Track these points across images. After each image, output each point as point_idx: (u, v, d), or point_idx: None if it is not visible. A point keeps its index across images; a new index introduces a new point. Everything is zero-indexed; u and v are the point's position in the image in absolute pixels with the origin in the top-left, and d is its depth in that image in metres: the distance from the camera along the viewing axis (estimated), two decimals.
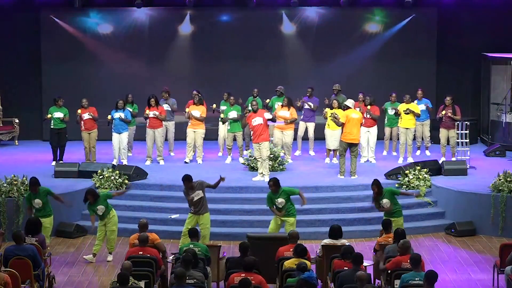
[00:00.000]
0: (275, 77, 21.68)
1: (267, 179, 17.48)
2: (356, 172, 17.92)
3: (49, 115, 19.31)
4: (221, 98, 20.14)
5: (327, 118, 19.07)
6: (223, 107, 19.94)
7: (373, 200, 14.61)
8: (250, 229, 15.18)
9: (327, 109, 19.22)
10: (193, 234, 13.08)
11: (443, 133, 19.39)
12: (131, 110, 19.68)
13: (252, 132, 17.86)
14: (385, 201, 14.47)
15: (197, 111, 19.38)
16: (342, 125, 18.14)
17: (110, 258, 14.92)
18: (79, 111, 19.32)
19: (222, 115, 19.70)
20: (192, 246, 12.72)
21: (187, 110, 19.50)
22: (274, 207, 14.50)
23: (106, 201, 14.71)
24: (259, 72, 22.68)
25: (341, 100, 19.54)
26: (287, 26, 22.94)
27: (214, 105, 20.11)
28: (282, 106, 19.34)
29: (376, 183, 14.54)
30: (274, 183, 14.51)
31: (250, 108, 17.98)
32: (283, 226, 14.60)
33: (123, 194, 16.17)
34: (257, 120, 17.55)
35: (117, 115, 19.02)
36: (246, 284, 10.57)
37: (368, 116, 19.23)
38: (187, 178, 14.60)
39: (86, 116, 19.24)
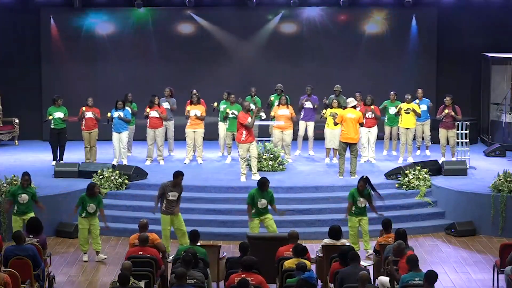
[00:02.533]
0: (274, 77, 21.66)
1: (258, 177, 17.54)
2: (356, 172, 17.91)
3: (50, 116, 19.29)
4: (221, 98, 20.14)
5: (326, 118, 19.09)
6: (222, 106, 19.93)
7: (354, 196, 14.70)
8: None
9: (327, 109, 19.25)
10: (194, 237, 12.89)
11: (442, 133, 19.38)
12: (130, 109, 19.69)
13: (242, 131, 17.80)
14: (362, 200, 14.63)
15: (197, 110, 19.38)
16: (337, 124, 18.22)
17: (99, 257, 14.97)
18: (83, 108, 19.28)
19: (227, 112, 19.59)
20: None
21: (188, 108, 19.44)
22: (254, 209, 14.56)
23: (99, 204, 14.77)
24: (258, 72, 22.68)
25: (341, 101, 19.57)
26: (287, 26, 22.94)
27: (216, 104, 20.07)
28: (280, 105, 19.32)
29: (364, 181, 14.69)
30: (268, 184, 14.58)
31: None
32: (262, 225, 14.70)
33: (104, 221, 15.04)
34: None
35: (116, 114, 19.03)
36: (244, 284, 10.56)
37: (372, 115, 19.23)
38: (181, 174, 14.80)
39: (89, 114, 19.23)
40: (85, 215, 14.75)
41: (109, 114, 19.03)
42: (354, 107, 18.22)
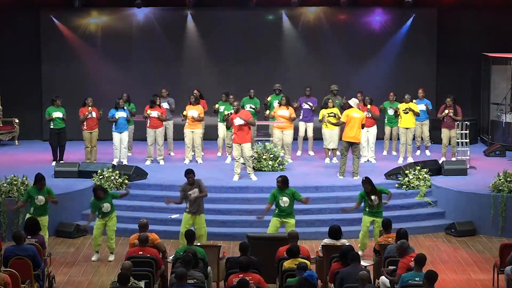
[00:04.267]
0: (274, 77, 21.67)
1: (254, 178, 17.53)
2: (358, 172, 17.88)
3: (53, 115, 19.25)
4: (220, 99, 20.17)
5: (322, 121, 19.08)
6: (222, 107, 19.99)
7: (364, 196, 14.65)
8: (250, 229, 15.18)
9: (322, 111, 19.24)
10: (189, 237, 12.86)
11: (445, 133, 19.38)
12: (129, 109, 19.71)
13: (233, 131, 17.76)
14: (373, 198, 14.59)
15: (195, 111, 19.37)
16: (342, 124, 18.20)
17: (112, 258, 14.93)
18: (90, 108, 19.16)
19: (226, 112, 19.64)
20: None
21: (184, 113, 19.40)
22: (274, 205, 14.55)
23: (111, 200, 14.73)
24: (258, 72, 22.69)
25: (338, 100, 19.61)
26: (287, 26, 22.94)
27: (216, 105, 20.11)
28: (280, 105, 19.37)
29: (368, 182, 14.62)
30: (283, 180, 14.53)
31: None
32: (282, 226, 14.62)
33: (127, 195, 15.80)
34: (238, 121, 17.56)
35: (121, 114, 19.02)
36: (244, 284, 10.57)
37: (369, 115, 19.27)
38: (191, 171, 14.73)
39: (92, 114, 19.18)
40: (101, 216, 14.74)
41: (117, 116, 18.98)
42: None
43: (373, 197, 14.59)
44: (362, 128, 18.28)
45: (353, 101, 18.22)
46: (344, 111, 18.49)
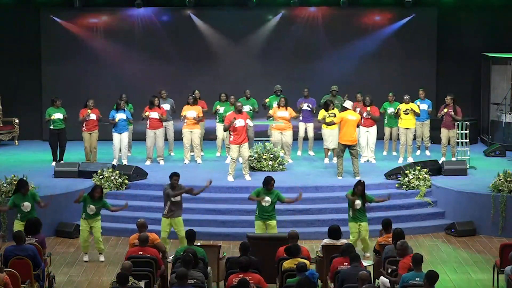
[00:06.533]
0: (275, 77, 21.67)
1: (248, 178, 17.53)
2: (359, 172, 17.86)
3: (53, 116, 19.23)
4: (218, 99, 20.16)
5: (322, 121, 19.07)
6: (221, 108, 19.96)
7: (352, 194, 14.62)
8: (250, 229, 15.14)
9: (322, 111, 19.21)
10: (190, 237, 12.82)
11: (444, 133, 19.38)
12: (130, 111, 19.71)
13: (232, 132, 17.70)
14: (357, 202, 14.53)
15: (193, 111, 19.35)
16: (333, 124, 18.31)
17: (102, 258, 14.94)
18: (89, 111, 19.11)
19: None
20: None
21: (183, 114, 19.38)
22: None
23: (100, 207, 14.69)
24: (258, 72, 22.68)
25: (337, 101, 19.60)
26: (286, 26, 22.93)
27: (218, 106, 20.08)
28: (279, 106, 19.35)
29: (362, 185, 14.58)
30: (274, 183, 14.54)
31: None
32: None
33: (119, 209, 15.17)
34: (240, 122, 17.53)
35: (122, 116, 19.00)
36: (244, 284, 10.58)
37: (368, 116, 19.26)
38: (177, 174, 14.71)
39: (91, 116, 19.14)
40: (84, 216, 14.68)
41: (117, 119, 18.95)
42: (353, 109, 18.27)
43: (357, 201, 14.54)
44: (357, 126, 18.31)
45: (348, 103, 18.23)
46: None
